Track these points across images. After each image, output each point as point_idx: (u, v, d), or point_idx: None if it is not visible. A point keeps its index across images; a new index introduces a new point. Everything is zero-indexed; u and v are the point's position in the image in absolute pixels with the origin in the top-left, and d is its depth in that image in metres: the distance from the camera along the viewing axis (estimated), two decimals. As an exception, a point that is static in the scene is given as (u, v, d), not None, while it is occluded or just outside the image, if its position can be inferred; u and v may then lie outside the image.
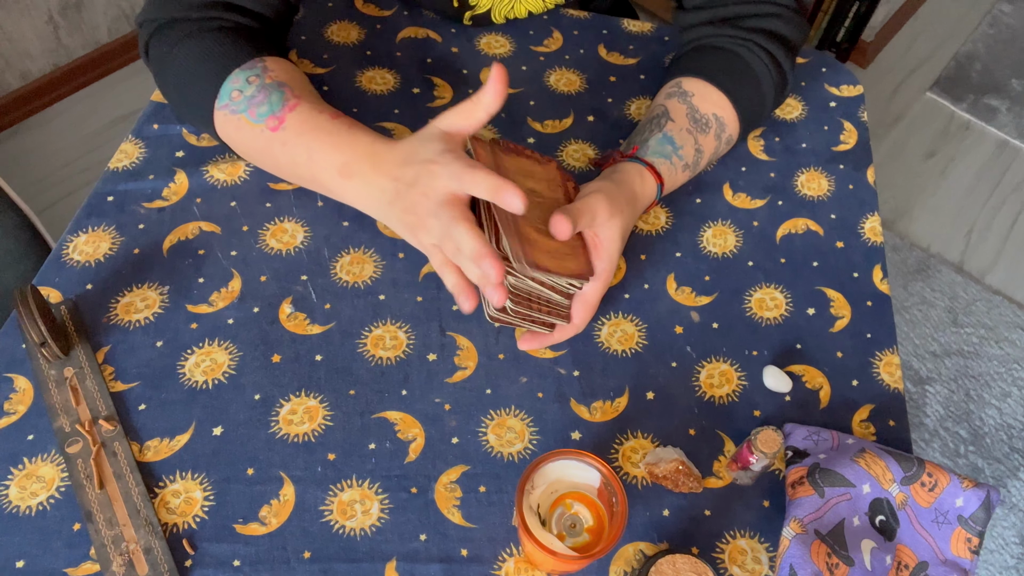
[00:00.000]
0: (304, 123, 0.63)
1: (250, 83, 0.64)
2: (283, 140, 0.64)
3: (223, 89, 0.65)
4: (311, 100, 0.65)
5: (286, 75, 0.66)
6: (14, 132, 1.74)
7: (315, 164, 0.63)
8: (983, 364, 1.60)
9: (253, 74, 0.65)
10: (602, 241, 0.61)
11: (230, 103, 0.65)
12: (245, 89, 0.64)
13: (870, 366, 0.66)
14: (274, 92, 0.64)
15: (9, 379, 0.59)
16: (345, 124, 0.63)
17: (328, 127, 0.63)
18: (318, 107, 0.64)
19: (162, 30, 0.67)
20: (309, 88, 0.68)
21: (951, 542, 0.56)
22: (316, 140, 0.63)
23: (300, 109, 0.64)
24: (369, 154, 0.61)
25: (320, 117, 0.63)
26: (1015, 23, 2.31)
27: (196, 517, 0.54)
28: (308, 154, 0.63)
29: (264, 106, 0.64)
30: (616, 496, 0.50)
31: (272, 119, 0.63)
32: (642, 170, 0.67)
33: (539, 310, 0.59)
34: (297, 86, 0.66)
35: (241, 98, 0.64)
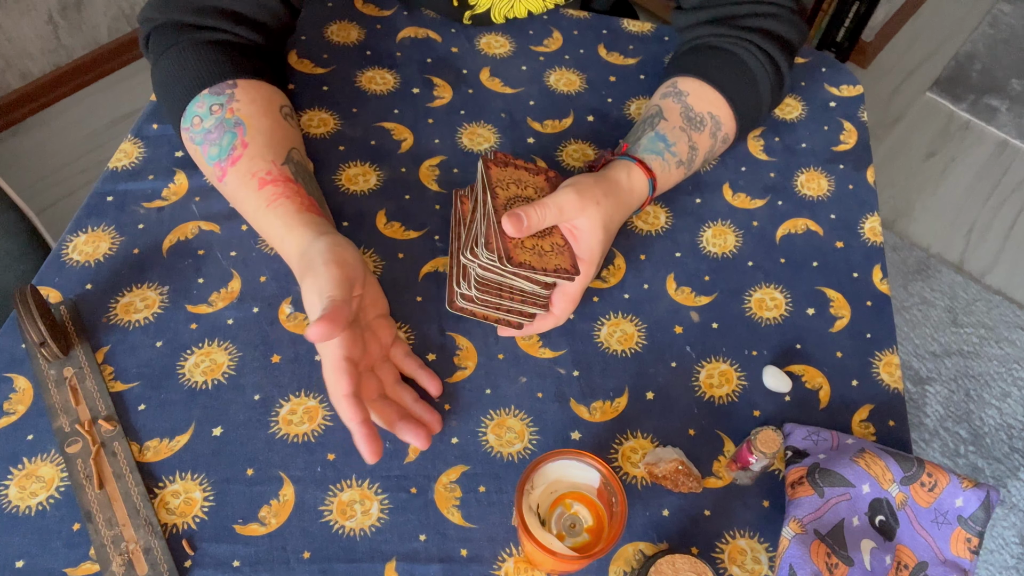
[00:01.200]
0: (239, 189, 0.63)
1: (212, 113, 0.64)
2: (229, 196, 0.66)
3: (187, 111, 0.65)
4: (255, 149, 0.63)
5: (249, 107, 0.65)
6: (14, 132, 1.74)
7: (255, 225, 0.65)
8: (983, 364, 1.60)
9: (217, 103, 0.64)
10: (580, 231, 0.61)
11: (191, 128, 0.65)
12: (206, 119, 0.64)
13: (870, 366, 0.66)
14: (227, 134, 0.64)
15: (9, 379, 0.59)
16: (264, 200, 0.61)
17: (253, 203, 0.62)
18: (254, 166, 0.63)
19: (159, 32, 0.67)
20: (267, 125, 0.65)
21: (951, 542, 0.56)
22: (247, 215, 0.65)
23: (238, 166, 0.63)
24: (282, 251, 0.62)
25: (250, 185, 0.62)
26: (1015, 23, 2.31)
27: (196, 517, 0.54)
28: (242, 212, 0.65)
29: (215, 148, 0.64)
30: (616, 496, 0.50)
31: (218, 167, 0.64)
32: (630, 165, 0.67)
33: (511, 299, 0.60)
34: (253, 123, 0.64)
35: (200, 127, 0.65)
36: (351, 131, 0.77)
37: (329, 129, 0.77)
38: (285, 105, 0.70)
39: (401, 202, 0.72)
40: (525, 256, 0.58)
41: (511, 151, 0.77)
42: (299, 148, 0.68)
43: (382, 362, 0.60)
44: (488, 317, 0.62)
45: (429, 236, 0.70)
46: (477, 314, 0.62)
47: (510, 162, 0.65)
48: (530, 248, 0.59)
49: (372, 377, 0.59)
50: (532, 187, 0.64)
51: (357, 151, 0.75)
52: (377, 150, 0.76)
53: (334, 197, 0.72)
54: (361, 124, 0.78)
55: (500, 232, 0.59)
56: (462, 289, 0.61)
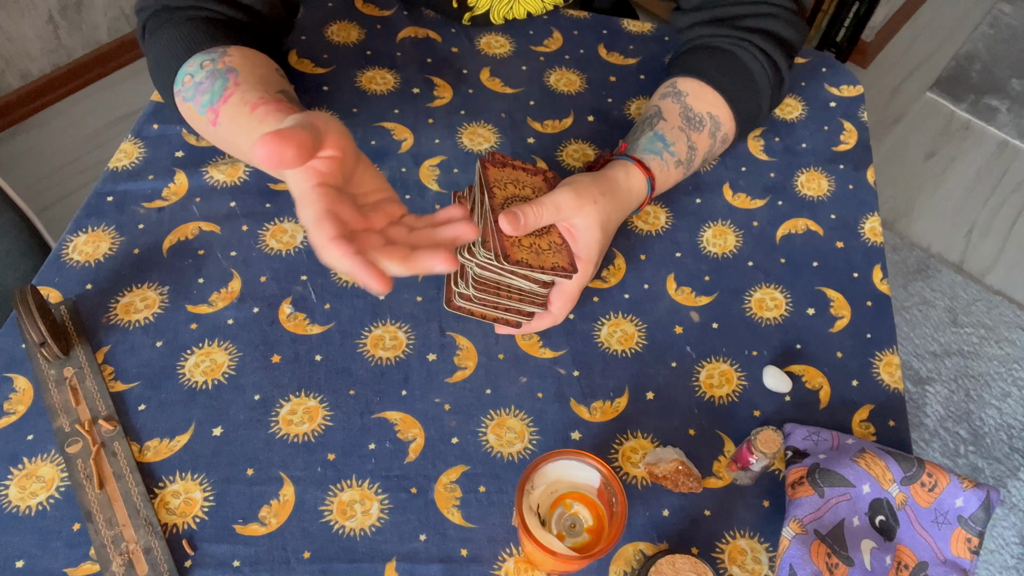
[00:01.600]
0: (232, 119, 0.60)
1: (203, 68, 0.63)
2: (220, 136, 0.62)
3: (179, 73, 0.64)
4: (246, 86, 0.61)
5: (242, 61, 0.63)
6: (14, 132, 1.74)
7: (251, 160, 0.61)
8: (983, 364, 1.60)
9: (208, 59, 0.63)
10: (578, 230, 0.61)
11: (182, 88, 0.64)
12: (196, 74, 0.63)
13: (870, 366, 0.66)
14: (218, 79, 0.61)
15: (9, 379, 0.59)
16: (257, 118, 0.57)
17: (247, 125, 0.58)
18: (245, 96, 0.59)
19: (155, 17, 0.67)
20: (260, 71, 0.63)
21: (951, 542, 0.56)
22: (241, 138, 0.59)
23: (231, 101, 0.60)
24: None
25: (242, 111, 0.58)
26: (1015, 23, 2.31)
27: (196, 517, 0.54)
28: (240, 151, 0.61)
29: (206, 95, 0.61)
30: (616, 496, 0.50)
31: (211, 111, 0.61)
32: (628, 165, 0.67)
33: (509, 297, 0.60)
34: (246, 72, 0.62)
35: (191, 83, 0.63)
36: (351, 131, 0.77)
37: (329, 129, 0.77)
38: (278, 68, 0.67)
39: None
40: (522, 254, 0.58)
41: (511, 151, 0.77)
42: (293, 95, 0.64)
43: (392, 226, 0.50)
44: (486, 316, 0.62)
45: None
46: (475, 313, 0.62)
47: (508, 163, 0.66)
48: (527, 247, 0.59)
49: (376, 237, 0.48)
50: (530, 187, 0.64)
51: (357, 151, 0.75)
52: (377, 150, 0.76)
53: (334, 197, 0.72)
54: (361, 124, 0.78)
55: (497, 231, 0.59)
56: (460, 288, 0.61)
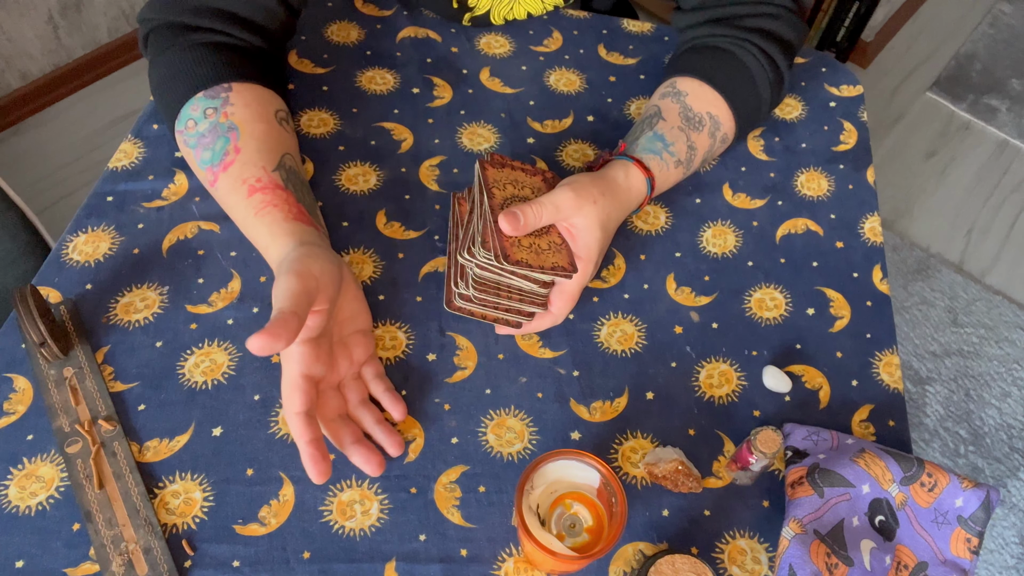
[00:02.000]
0: (229, 194, 0.63)
1: (206, 116, 0.64)
2: (220, 200, 0.65)
3: (182, 113, 0.65)
4: (247, 155, 0.63)
5: (244, 112, 0.65)
6: (14, 132, 1.74)
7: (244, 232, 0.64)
8: (983, 364, 1.60)
9: (211, 106, 0.64)
10: (577, 229, 0.61)
11: (185, 131, 0.65)
12: (200, 123, 0.64)
13: (870, 366, 0.66)
14: (220, 139, 0.63)
15: (9, 379, 0.59)
16: (253, 209, 0.61)
17: (242, 211, 0.61)
18: (245, 172, 0.62)
19: (157, 32, 0.67)
20: (260, 131, 0.65)
21: (951, 542, 0.56)
22: (237, 221, 0.64)
23: (230, 172, 0.62)
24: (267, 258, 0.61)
25: (240, 191, 0.61)
26: (1015, 23, 2.31)
27: (196, 518, 0.54)
28: (237, 223, 0.64)
29: (208, 152, 0.63)
30: (615, 496, 0.50)
31: (210, 172, 0.64)
32: (627, 164, 0.67)
33: (509, 298, 0.60)
34: (246, 128, 0.64)
35: (194, 131, 0.64)
36: (351, 131, 0.77)
37: (329, 129, 0.77)
38: (281, 109, 0.69)
39: (401, 202, 0.72)
40: (522, 254, 0.58)
41: (511, 151, 0.77)
42: (293, 153, 0.67)
43: (351, 379, 0.59)
44: (486, 316, 0.62)
45: (429, 236, 0.70)
46: (475, 313, 0.62)
47: (507, 163, 0.66)
48: (527, 247, 0.59)
49: (335, 395, 0.58)
50: (529, 187, 0.64)
51: (357, 151, 0.75)
52: (377, 150, 0.76)
53: (334, 197, 0.72)
54: (361, 124, 0.78)
55: (497, 231, 0.59)
56: (460, 289, 0.61)
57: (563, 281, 0.61)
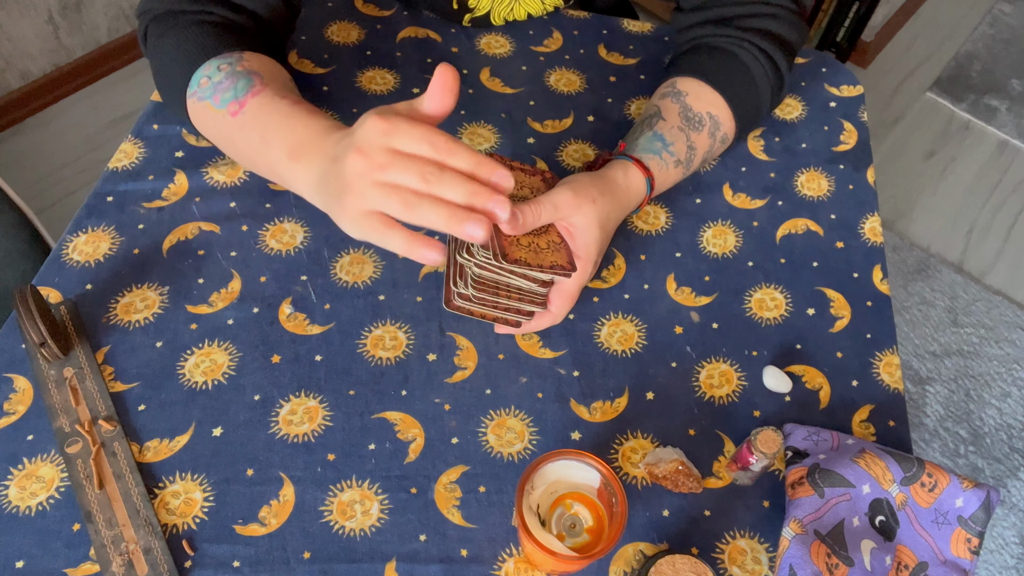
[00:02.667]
0: (263, 107, 0.61)
1: (220, 71, 0.63)
2: (241, 124, 0.62)
3: (194, 76, 0.64)
4: (277, 87, 0.63)
5: (261, 66, 0.65)
6: (14, 132, 1.74)
7: (268, 146, 0.60)
8: (983, 364, 1.60)
9: (225, 62, 0.63)
10: (576, 229, 0.61)
11: (198, 90, 0.64)
12: (214, 76, 0.63)
13: (870, 366, 0.66)
14: (241, 79, 0.62)
15: (9, 379, 0.59)
16: (304, 109, 0.60)
17: (286, 111, 0.60)
18: (281, 93, 0.62)
19: (157, 20, 0.67)
20: (283, 80, 0.66)
21: (951, 542, 0.56)
22: (272, 122, 0.60)
23: (263, 95, 0.61)
24: (319, 136, 0.57)
25: (281, 102, 0.60)
26: (1015, 23, 2.31)
27: (196, 518, 0.54)
28: (262, 136, 0.60)
29: (229, 92, 0.62)
30: (616, 496, 0.50)
31: (234, 104, 0.62)
32: (627, 164, 0.67)
33: (508, 297, 0.60)
34: (268, 76, 0.64)
35: (208, 84, 0.63)
36: (351, 131, 0.77)
37: (329, 129, 0.77)
38: (291, 79, 0.69)
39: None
40: (521, 253, 0.58)
41: (511, 151, 0.77)
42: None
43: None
44: (486, 316, 0.62)
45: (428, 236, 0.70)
46: (475, 313, 0.62)
47: (506, 164, 0.66)
48: (526, 246, 0.59)
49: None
50: (528, 188, 0.64)
51: (357, 151, 0.75)
52: (377, 150, 0.76)
53: (334, 197, 0.72)
54: (361, 124, 0.77)
55: (496, 230, 0.59)
56: (459, 288, 0.62)
57: (562, 280, 0.61)
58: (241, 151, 0.65)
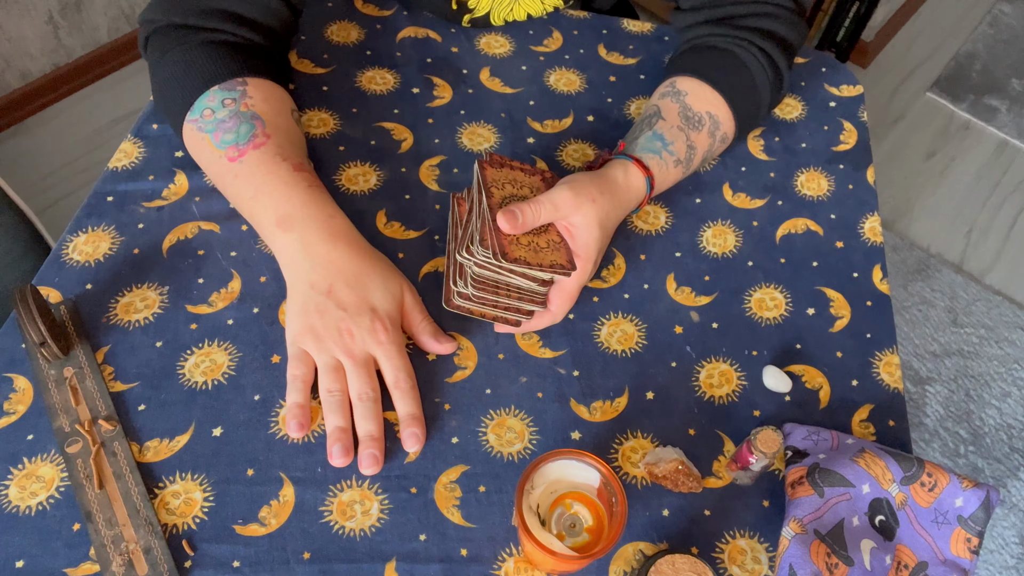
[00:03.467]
0: (262, 164, 0.63)
1: (224, 106, 0.64)
2: (236, 172, 0.64)
3: (197, 103, 0.65)
4: (280, 141, 0.64)
5: (264, 106, 0.66)
6: (14, 132, 1.74)
7: (258, 204, 0.63)
8: (983, 364, 1.60)
9: (230, 97, 0.64)
10: (576, 228, 0.61)
11: (200, 119, 0.65)
12: (218, 111, 0.64)
13: (870, 366, 0.66)
14: (244, 123, 0.64)
15: (9, 379, 0.59)
16: (304, 181, 0.62)
17: (286, 177, 0.62)
18: (284, 152, 0.64)
19: (160, 33, 0.67)
20: (284, 125, 0.67)
21: (951, 542, 0.56)
22: (267, 184, 0.62)
23: (264, 149, 0.63)
24: (317, 223, 0.61)
25: (282, 165, 0.63)
26: (1015, 23, 2.31)
27: (196, 518, 0.54)
28: (255, 194, 0.63)
29: (231, 134, 0.63)
30: (616, 496, 0.50)
31: (233, 149, 0.63)
32: (626, 164, 0.67)
33: (508, 296, 0.61)
34: (271, 121, 0.65)
35: (212, 118, 0.64)
36: (351, 131, 0.77)
37: (329, 129, 0.77)
38: (294, 109, 0.70)
39: (401, 202, 0.72)
40: (520, 252, 0.58)
41: (511, 151, 0.77)
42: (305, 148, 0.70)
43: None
44: (485, 315, 0.62)
45: (429, 236, 0.70)
46: (474, 312, 0.62)
47: (505, 163, 0.66)
48: (525, 245, 0.59)
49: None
50: (528, 187, 0.64)
51: (357, 151, 0.75)
52: (377, 150, 0.76)
53: (334, 197, 0.71)
54: (361, 124, 0.78)
55: (495, 229, 0.59)
56: (459, 287, 0.62)
57: (562, 279, 0.61)
58: (230, 195, 0.67)
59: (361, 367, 0.58)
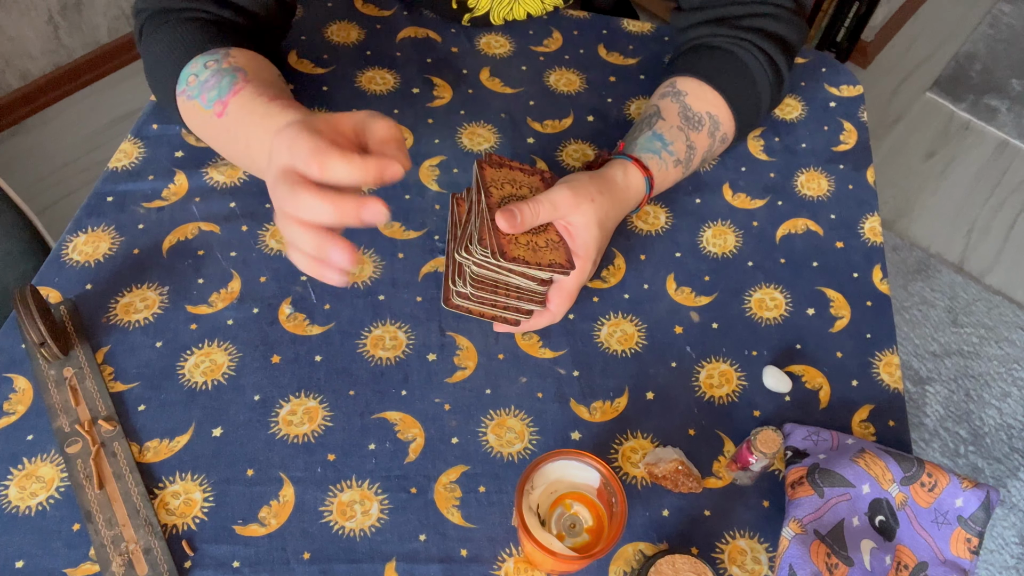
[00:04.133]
0: (243, 107, 0.60)
1: (207, 68, 0.63)
2: (226, 126, 0.62)
3: (182, 74, 0.64)
4: (258, 83, 0.62)
5: (247, 62, 0.64)
6: (14, 132, 1.74)
7: (251, 150, 0.60)
8: (983, 364, 1.60)
9: (212, 59, 0.63)
10: (575, 227, 0.61)
11: (187, 88, 0.64)
12: (200, 74, 0.63)
13: (870, 366, 0.66)
14: (226, 76, 0.62)
15: (9, 379, 0.59)
16: (279, 105, 0.59)
17: (262, 110, 0.59)
18: (260, 90, 0.61)
19: (152, 18, 0.67)
20: (267, 74, 0.65)
21: (951, 542, 0.56)
22: (251, 124, 0.59)
23: (243, 94, 0.61)
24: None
25: (257, 101, 0.60)
26: (1015, 23, 2.31)
27: (196, 518, 0.54)
28: (246, 140, 0.60)
29: (214, 91, 0.62)
30: (616, 496, 0.50)
31: (218, 103, 0.61)
32: (626, 163, 0.67)
33: (507, 296, 0.61)
34: (253, 72, 0.63)
35: (196, 83, 0.63)
36: (351, 131, 0.77)
37: (329, 129, 0.77)
38: (280, 74, 0.68)
39: (401, 202, 0.72)
40: (519, 251, 0.58)
41: (511, 151, 0.77)
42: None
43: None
44: (485, 314, 0.62)
45: (429, 236, 0.70)
46: (474, 311, 0.62)
47: (505, 163, 0.66)
48: (524, 244, 0.59)
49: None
50: (527, 187, 0.64)
51: (357, 151, 0.75)
52: (377, 150, 0.76)
53: (334, 197, 0.72)
54: (361, 124, 0.77)
55: (494, 228, 0.59)
56: (458, 287, 0.62)
57: (561, 279, 0.61)
58: (231, 155, 0.65)
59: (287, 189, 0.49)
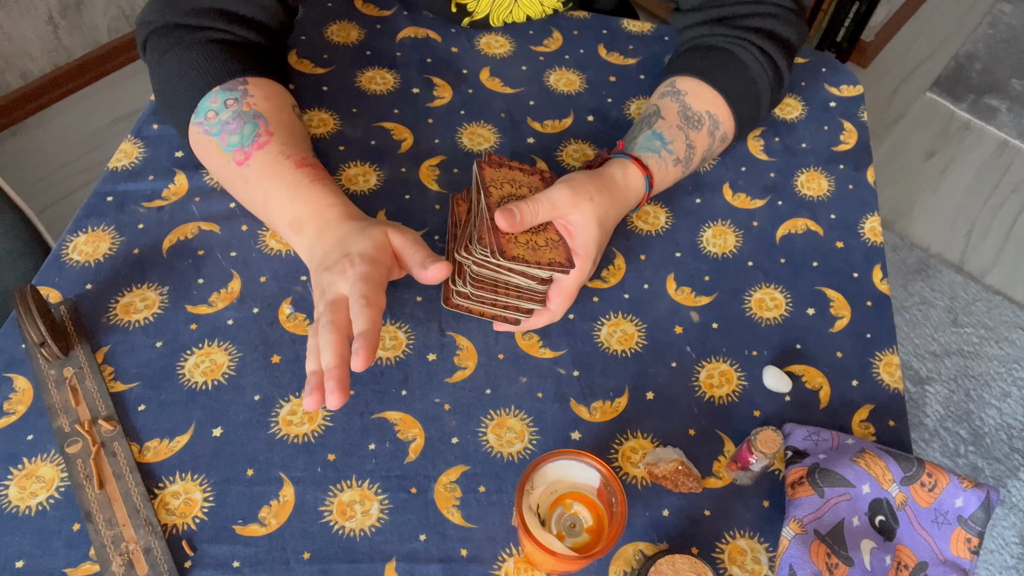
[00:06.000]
0: (267, 166, 0.63)
1: (227, 107, 0.64)
2: (245, 177, 0.64)
3: (200, 106, 0.65)
4: (282, 138, 0.65)
5: (265, 103, 0.66)
6: (14, 132, 1.74)
7: (270, 211, 0.63)
8: (983, 364, 1.60)
9: (232, 97, 0.64)
10: (575, 227, 0.61)
11: (205, 122, 0.65)
12: (221, 112, 0.64)
13: (870, 366, 0.66)
14: (248, 123, 0.64)
15: (9, 379, 0.59)
16: (307, 177, 0.62)
17: (289, 177, 0.62)
18: (286, 150, 0.64)
19: (158, 34, 0.67)
20: (287, 120, 0.67)
21: (951, 542, 0.56)
22: (275, 188, 0.63)
23: (267, 149, 0.63)
24: (318, 218, 0.61)
25: (284, 164, 0.63)
26: (1015, 23, 2.31)
27: (196, 518, 0.54)
28: (265, 199, 0.63)
29: (235, 136, 0.64)
30: (616, 496, 0.50)
31: (240, 152, 0.63)
32: (625, 162, 0.67)
33: (507, 295, 0.61)
34: (273, 118, 0.65)
35: (216, 120, 0.64)
36: (351, 131, 0.77)
37: (329, 129, 0.77)
38: (295, 104, 0.70)
39: (401, 202, 0.72)
40: (519, 250, 0.58)
41: (511, 151, 0.77)
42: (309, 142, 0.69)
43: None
44: (484, 314, 0.62)
45: (429, 236, 0.70)
46: (473, 311, 0.62)
47: (504, 163, 0.66)
48: (524, 243, 0.59)
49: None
50: (527, 187, 0.64)
51: (357, 151, 0.75)
52: (377, 150, 0.76)
53: (334, 197, 0.72)
54: (361, 124, 0.78)
55: (494, 228, 0.59)
56: (458, 286, 0.62)
57: (561, 278, 0.61)
58: (244, 200, 0.67)
59: (328, 305, 0.54)
